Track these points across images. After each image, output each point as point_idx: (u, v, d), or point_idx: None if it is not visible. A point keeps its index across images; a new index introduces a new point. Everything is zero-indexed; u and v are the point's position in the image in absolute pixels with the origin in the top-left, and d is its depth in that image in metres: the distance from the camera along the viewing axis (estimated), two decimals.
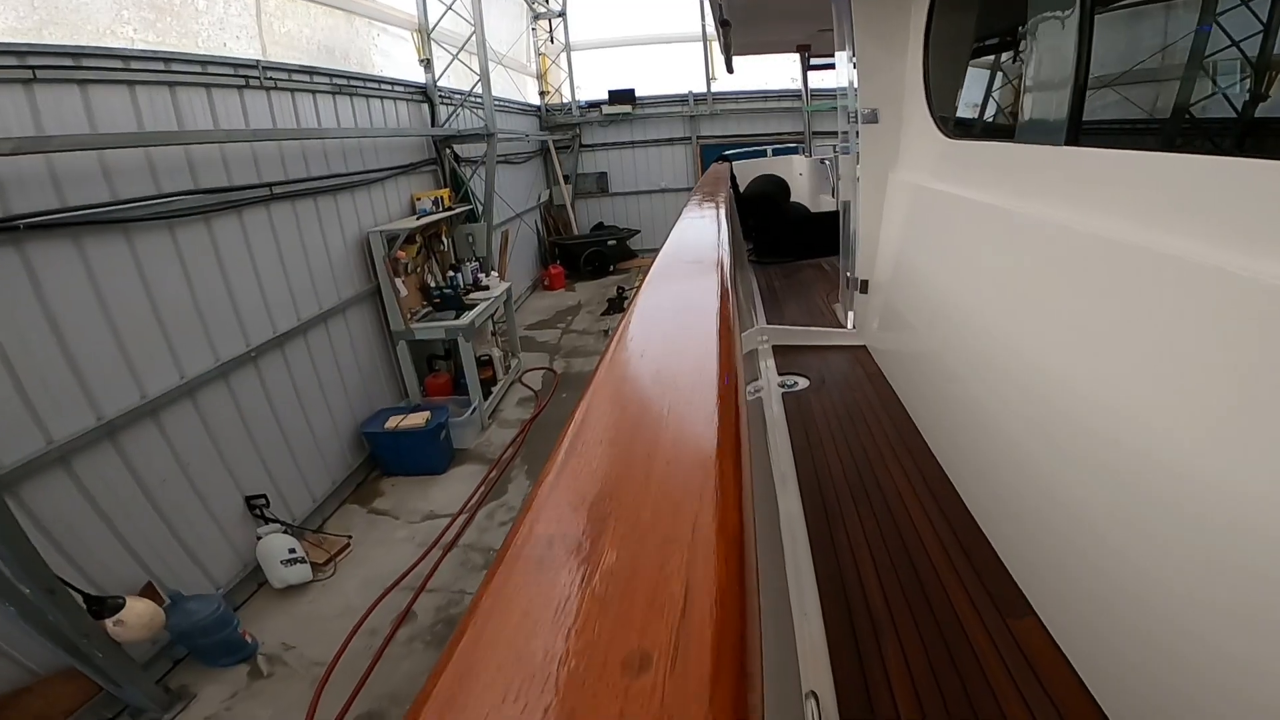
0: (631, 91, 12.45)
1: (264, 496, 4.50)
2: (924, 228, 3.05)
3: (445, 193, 6.89)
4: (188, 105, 4.02)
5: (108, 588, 3.27)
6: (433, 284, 6.84)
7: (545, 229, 12.24)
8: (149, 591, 3.52)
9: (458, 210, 7.01)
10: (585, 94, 12.86)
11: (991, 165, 2.30)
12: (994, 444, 1.98)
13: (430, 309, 6.48)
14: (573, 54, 12.74)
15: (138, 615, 3.19)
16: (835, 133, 11.07)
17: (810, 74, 7.96)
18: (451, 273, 7.03)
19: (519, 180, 10.80)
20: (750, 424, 0.72)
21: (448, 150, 7.37)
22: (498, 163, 9.74)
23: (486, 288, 7.05)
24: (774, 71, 12.51)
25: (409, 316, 6.21)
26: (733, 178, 5.62)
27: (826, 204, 7.50)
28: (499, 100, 9.89)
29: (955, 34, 2.73)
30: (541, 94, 12.63)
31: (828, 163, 7.30)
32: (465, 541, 5.11)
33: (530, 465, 6.07)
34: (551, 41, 12.71)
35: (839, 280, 5.41)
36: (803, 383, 3.63)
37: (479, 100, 7.18)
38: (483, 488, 5.72)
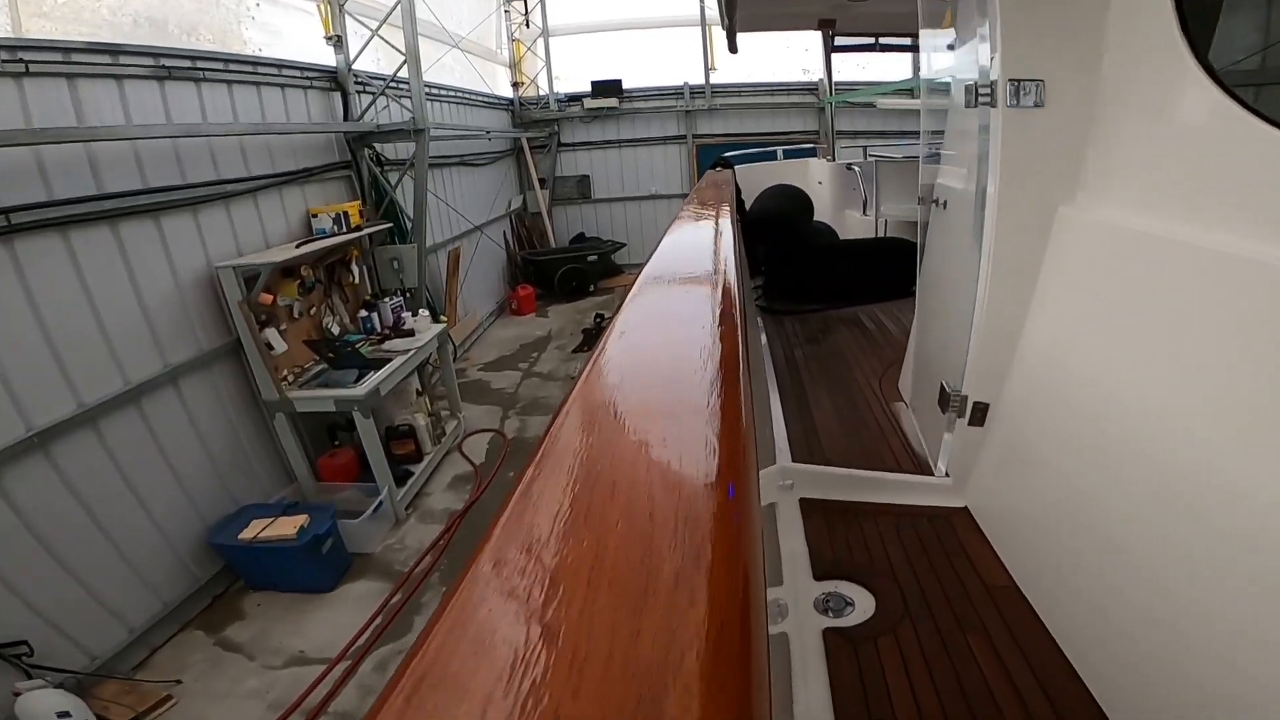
0: (618, 83, 10.76)
1: (24, 643, 3.03)
2: (1160, 322, 1.37)
3: (353, 206, 5.20)
4: None
5: None
6: (336, 330, 5.16)
7: (516, 242, 10.55)
8: None
9: (370, 229, 5.32)
10: (565, 85, 11.17)
11: None
12: None
13: (326, 366, 4.79)
14: (551, 40, 11.05)
15: None
16: (859, 133, 9.35)
17: (834, 56, 6.27)
18: (365, 313, 5.35)
19: (482, 185, 9.12)
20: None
21: (367, 151, 5.68)
22: (453, 165, 8.08)
23: (411, 332, 5.36)
24: (782, 62, 10.89)
25: (289, 380, 4.53)
26: (736, 189, 3.91)
27: (855, 224, 5.82)
28: (456, 92, 8.22)
29: None
30: (515, 85, 10.94)
31: (857, 169, 5.61)
32: (338, 708, 3.49)
33: (451, 584, 4.37)
34: (527, 26, 11.02)
35: (887, 347, 3.72)
36: (864, 603, 1.99)
37: (406, 86, 5.49)
38: (379, 618, 4.06)
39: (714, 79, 10.97)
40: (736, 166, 5.67)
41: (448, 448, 5.82)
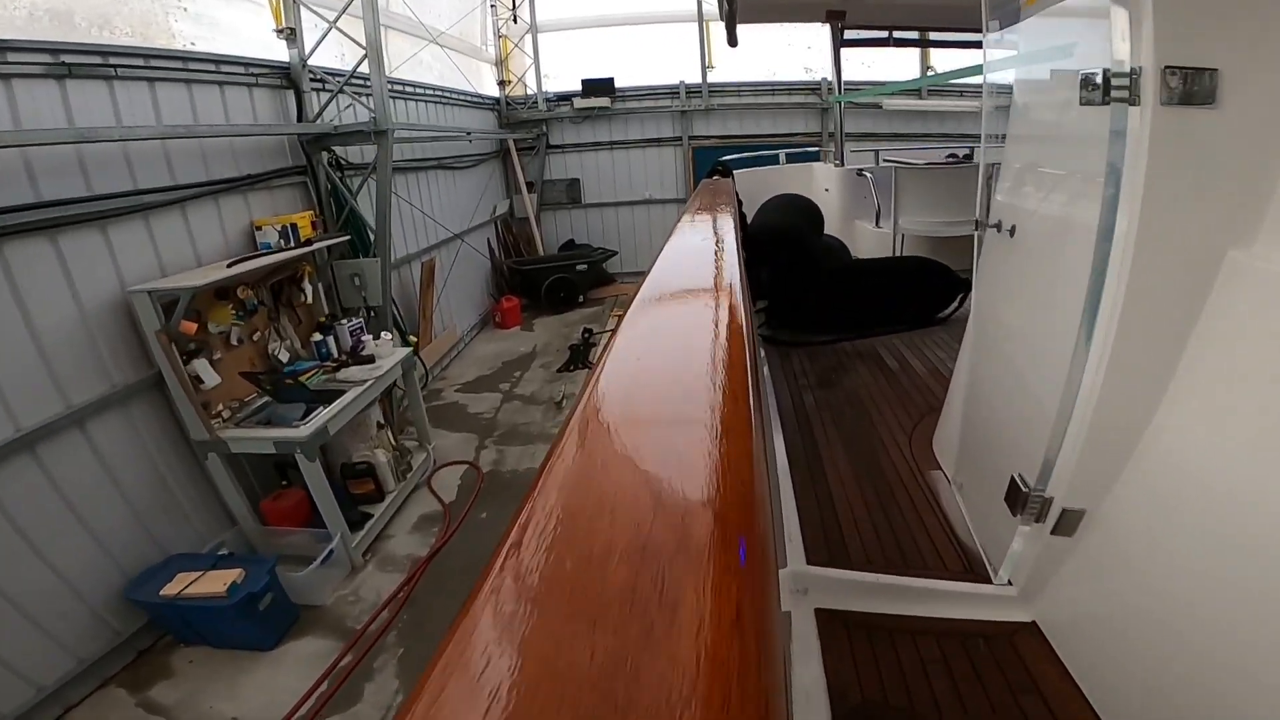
0: (610, 81, 10.20)
1: None
2: None
3: (304, 218, 4.64)
4: None
5: None
6: (285, 357, 4.60)
7: (502, 250, 9.98)
8: None
9: (323, 243, 4.75)
10: (554, 84, 10.62)
11: None
12: None
13: (270, 400, 4.23)
14: (540, 36, 10.50)
15: None
16: (865, 135, 8.78)
17: (843, 51, 5.71)
18: (319, 336, 4.79)
19: (464, 190, 8.55)
20: None
21: (325, 155, 5.12)
22: (431, 168, 7.52)
23: (371, 359, 4.80)
24: (784, 60, 10.37)
25: (223, 418, 3.97)
26: (736, 199, 3.34)
27: (866, 236, 5.27)
28: (435, 90, 7.67)
29: None
30: (501, 84, 10.39)
31: (869, 176, 5.07)
32: None
33: (410, 644, 3.87)
34: (515, 21, 10.46)
35: (915, 392, 3.17)
36: None
37: (367, 83, 4.92)
38: (325, 683, 3.56)
39: (711, 78, 10.42)
40: (735, 172, 5.13)
41: (415, 483, 5.27)
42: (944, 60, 9.74)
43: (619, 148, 10.50)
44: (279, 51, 4.93)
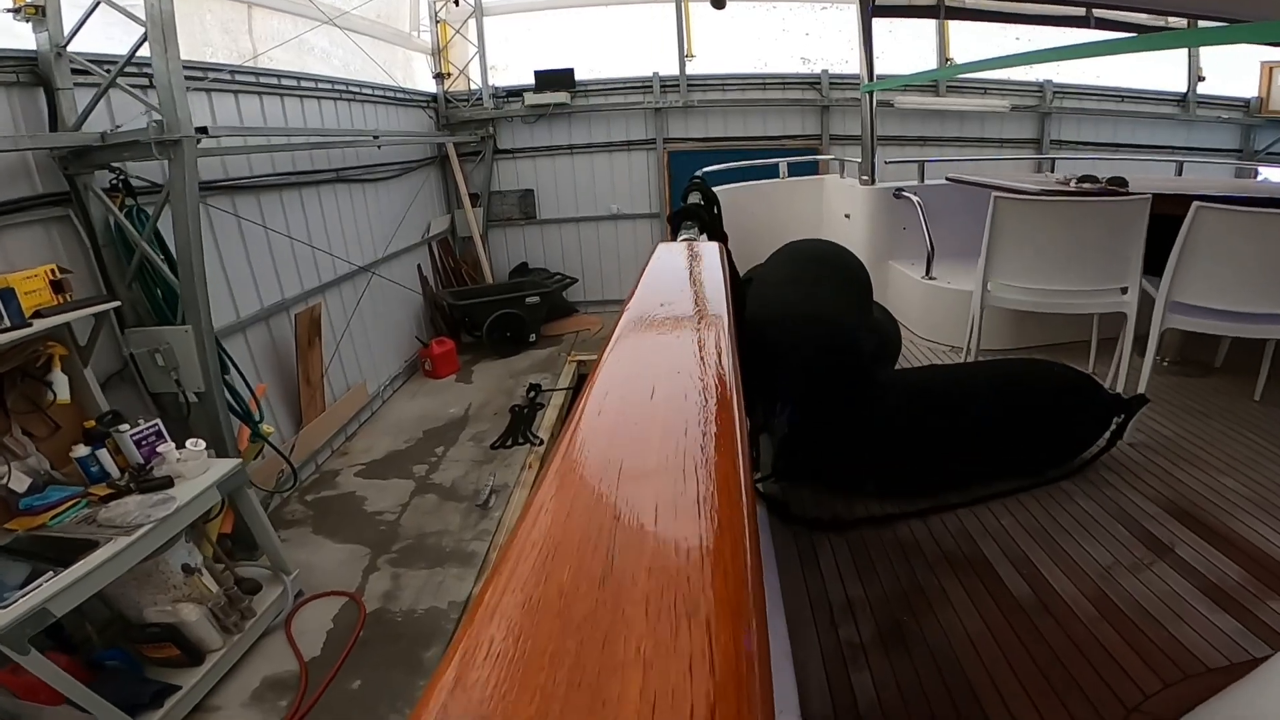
0: (569, 73, 8.59)
1: None
2: None
3: (35, 275, 2.99)
4: None
5: None
6: (24, 486, 2.95)
7: (440, 278, 8.32)
8: None
9: (57, 318, 3.06)
10: (503, 77, 8.99)
11: None
12: None
13: None
14: (486, 20, 8.85)
15: None
16: (902, 139, 6.98)
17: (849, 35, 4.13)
18: (84, 450, 3.14)
19: (380, 207, 6.88)
20: None
21: (107, 174, 3.48)
22: (326, 182, 5.86)
23: (167, 482, 3.16)
24: (777, 48, 8.84)
25: None
26: (730, 268, 1.62)
27: (907, 291, 3.67)
28: (333, 83, 6.00)
29: None
30: (438, 77, 8.73)
31: (916, 199, 3.48)
32: None
33: None
34: (456, 3, 8.80)
35: (1078, 654, 1.54)
36: None
37: (148, 71, 3.25)
38: None
39: (691, 68, 8.81)
40: (719, 190, 3.53)
41: (265, 628, 3.66)
42: (965, 49, 8.23)
43: (580, 152, 8.84)
44: (25, 38, 3.28)
